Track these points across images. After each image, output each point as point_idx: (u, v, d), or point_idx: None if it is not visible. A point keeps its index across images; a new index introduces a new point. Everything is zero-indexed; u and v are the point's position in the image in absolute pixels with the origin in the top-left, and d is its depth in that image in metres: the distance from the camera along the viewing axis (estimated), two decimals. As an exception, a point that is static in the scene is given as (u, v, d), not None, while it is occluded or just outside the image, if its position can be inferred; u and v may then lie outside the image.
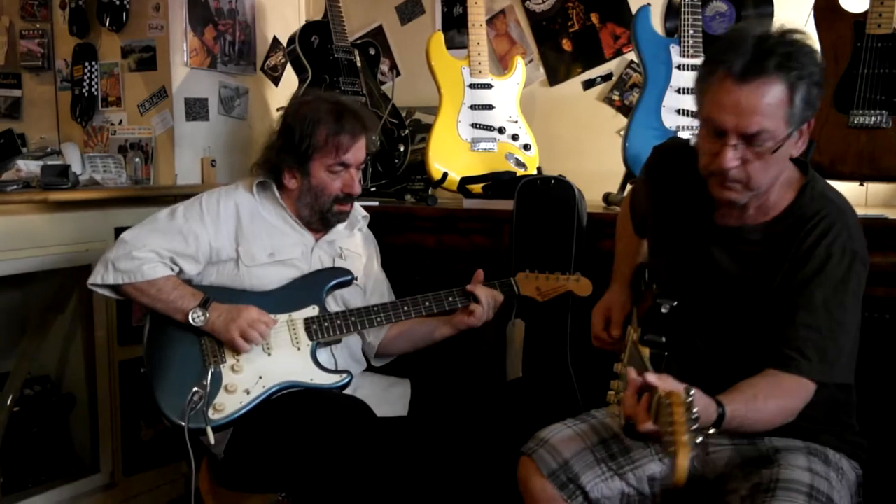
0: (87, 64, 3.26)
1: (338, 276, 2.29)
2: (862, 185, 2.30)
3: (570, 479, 1.77)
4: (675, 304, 1.69)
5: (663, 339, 1.61)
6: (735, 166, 1.59)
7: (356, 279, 2.33)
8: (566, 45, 3.18)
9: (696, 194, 1.77)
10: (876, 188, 2.43)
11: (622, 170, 2.66)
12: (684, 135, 2.52)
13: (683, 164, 1.81)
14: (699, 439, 1.28)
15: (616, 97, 3.10)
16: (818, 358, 1.59)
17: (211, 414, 2.08)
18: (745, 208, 1.72)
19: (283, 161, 2.24)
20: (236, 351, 2.15)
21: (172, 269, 2.18)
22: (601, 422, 1.88)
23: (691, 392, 1.32)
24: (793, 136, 1.61)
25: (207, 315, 2.12)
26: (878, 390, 1.90)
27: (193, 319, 2.12)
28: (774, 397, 1.57)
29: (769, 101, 1.55)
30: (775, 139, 1.57)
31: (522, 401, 2.33)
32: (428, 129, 3.02)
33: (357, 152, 2.25)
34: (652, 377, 1.40)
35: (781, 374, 1.59)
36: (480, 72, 2.91)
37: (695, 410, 1.30)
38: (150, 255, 2.15)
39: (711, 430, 1.46)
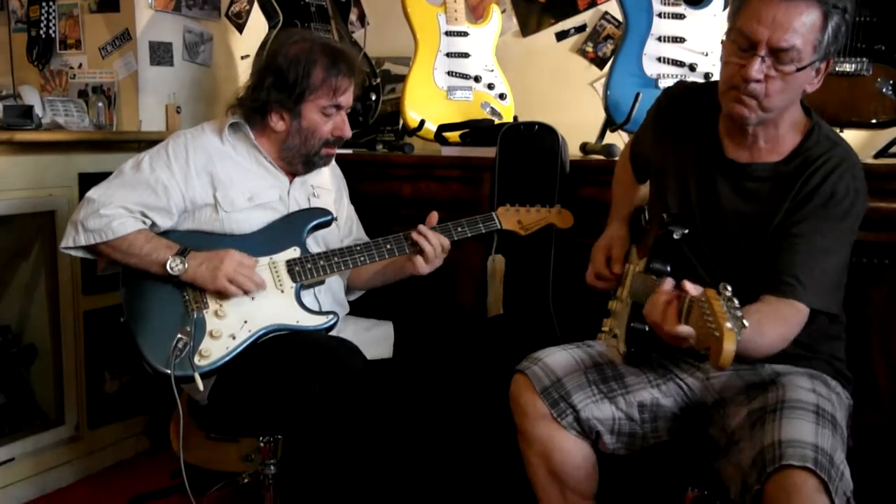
0: (43, 4, 3.12)
1: (318, 217, 2.25)
2: (842, 131, 2.34)
3: (561, 396, 1.80)
4: (687, 231, 1.71)
5: (668, 269, 1.63)
6: (759, 78, 1.63)
7: (336, 219, 2.30)
8: (539, -5, 3.16)
9: (707, 129, 1.81)
10: (854, 135, 2.47)
11: (596, 120, 2.66)
12: (665, 82, 2.54)
13: (693, 103, 1.85)
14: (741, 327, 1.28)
15: (590, 49, 3.10)
16: (812, 286, 1.64)
17: (197, 360, 2.03)
18: (756, 142, 1.75)
19: (272, 102, 2.16)
20: (220, 296, 2.09)
21: (144, 223, 2.11)
22: (597, 350, 1.92)
23: (727, 287, 1.34)
24: (814, 67, 1.65)
25: (186, 264, 2.06)
26: (861, 330, 1.96)
27: (171, 269, 2.04)
28: (776, 325, 1.61)
29: (804, 20, 1.60)
30: (801, 61, 1.62)
31: (502, 338, 2.33)
32: (398, 79, 2.99)
33: (350, 95, 2.21)
34: (689, 284, 1.43)
35: (778, 300, 1.64)
36: (457, 19, 2.88)
37: (735, 301, 1.32)
38: (118, 210, 2.07)
39: None
